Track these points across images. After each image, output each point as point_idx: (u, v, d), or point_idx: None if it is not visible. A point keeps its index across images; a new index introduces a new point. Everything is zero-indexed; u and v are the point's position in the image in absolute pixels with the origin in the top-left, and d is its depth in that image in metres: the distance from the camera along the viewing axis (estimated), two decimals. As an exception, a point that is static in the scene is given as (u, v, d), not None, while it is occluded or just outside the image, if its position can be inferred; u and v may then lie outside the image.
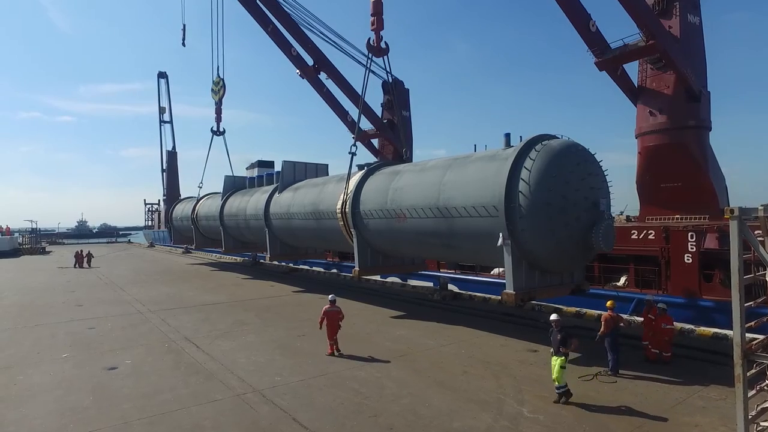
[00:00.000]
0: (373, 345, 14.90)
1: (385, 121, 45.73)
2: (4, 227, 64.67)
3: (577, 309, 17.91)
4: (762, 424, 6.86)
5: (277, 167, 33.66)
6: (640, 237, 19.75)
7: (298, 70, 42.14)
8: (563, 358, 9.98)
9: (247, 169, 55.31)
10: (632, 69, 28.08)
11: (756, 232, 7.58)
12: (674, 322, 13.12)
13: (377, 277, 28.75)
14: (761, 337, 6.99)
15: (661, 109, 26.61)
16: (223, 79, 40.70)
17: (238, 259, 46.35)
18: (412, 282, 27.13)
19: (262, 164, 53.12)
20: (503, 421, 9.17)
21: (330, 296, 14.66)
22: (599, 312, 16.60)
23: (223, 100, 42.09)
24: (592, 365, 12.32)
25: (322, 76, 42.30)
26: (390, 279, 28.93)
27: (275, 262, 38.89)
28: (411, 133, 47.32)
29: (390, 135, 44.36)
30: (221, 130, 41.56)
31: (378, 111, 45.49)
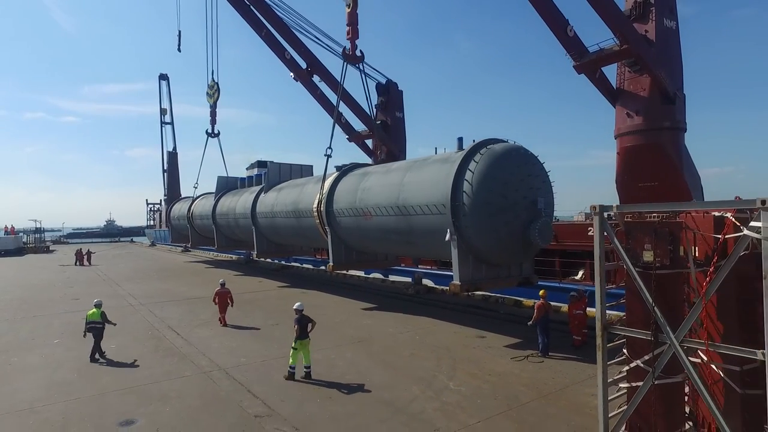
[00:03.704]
0: (337, 332, 16.28)
1: (378, 122, 46.96)
2: (9, 227, 66.51)
3: (534, 301, 19.18)
4: (621, 385, 8.17)
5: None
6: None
7: (292, 73, 43.37)
8: (297, 340, 11.57)
9: (247, 169, 56.69)
10: (612, 72, 29.30)
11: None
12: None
13: (360, 273, 30.19)
14: (621, 314, 8.32)
15: (638, 111, 27.70)
16: (217, 83, 42.04)
17: (234, 257, 47.87)
18: (393, 277, 28.48)
19: (261, 164, 54.48)
20: (429, 392, 10.54)
21: (220, 280, 18.73)
22: (557, 304, 17.96)
23: (218, 102, 43.47)
24: (527, 348, 13.69)
25: (316, 78, 43.52)
26: (372, 275, 30.30)
27: (268, 260, 40.45)
28: (404, 134, 48.48)
29: (384, 136, 45.60)
30: (216, 132, 43.02)
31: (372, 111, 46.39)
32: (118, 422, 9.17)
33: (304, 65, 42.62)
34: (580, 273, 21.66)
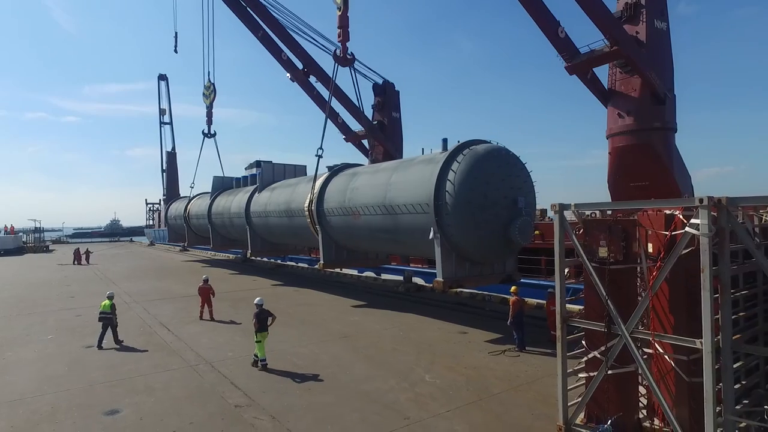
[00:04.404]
0: (324, 328, 16.69)
1: (375, 122, 47.31)
2: (9, 226, 67.00)
3: (507, 297, 19.61)
4: (581, 375, 8.56)
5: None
6: (578, 233, 21.40)
7: (288, 74, 43.73)
8: (257, 333, 12.32)
9: (245, 168, 57.10)
10: (604, 73, 29.64)
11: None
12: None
13: (354, 272, 30.61)
14: (579, 307, 8.72)
15: (629, 111, 28.19)
16: (213, 84, 42.55)
17: (231, 256, 48.30)
18: (385, 276, 28.90)
19: (259, 165, 54.95)
20: (405, 384, 10.95)
21: (204, 276, 19.66)
22: (538, 301, 18.38)
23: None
24: (507, 343, 14.08)
25: (312, 79, 43.86)
26: (365, 273, 30.71)
27: (264, 259, 40.89)
28: (401, 134, 48.88)
29: (380, 136, 45.97)
30: (212, 132, 43.51)
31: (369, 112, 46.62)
32: (104, 412, 9.60)
33: (300, 66, 43.16)
34: (565, 271, 22.03)
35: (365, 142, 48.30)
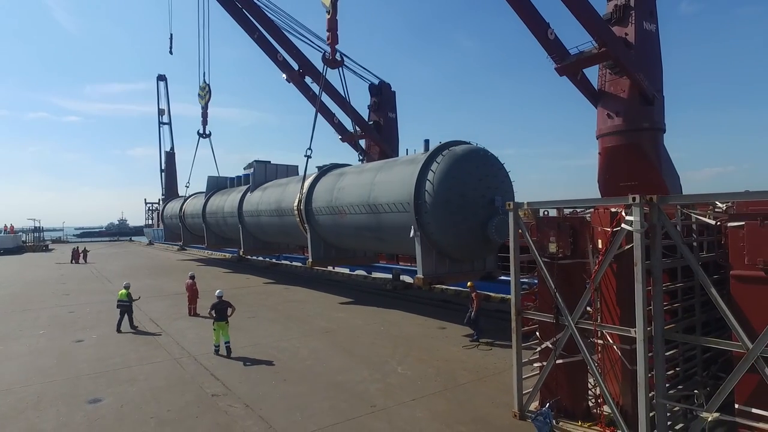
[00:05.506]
0: (308, 324, 17.16)
1: (371, 122, 47.78)
2: (8, 226, 67.56)
3: (502, 296, 20.04)
4: (535, 364, 9.02)
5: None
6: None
7: (284, 75, 44.20)
8: (215, 322, 13.35)
9: (244, 168, 57.64)
10: (594, 74, 30.10)
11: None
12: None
13: (345, 270, 31.09)
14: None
15: (618, 112, 28.71)
16: (208, 85, 43.11)
17: (227, 255, 48.82)
18: (375, 274, 29.37)
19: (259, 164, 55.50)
20: (377, 375, 11.42)
21: (190, 273, 20.81)
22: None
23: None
24: (482, 338, 14.51)
25: (308, 80, 44.32)
26: (357, 272, 31.19)
27: (259, 258, 41.39)
28: (397, 134, 49.38)
29: (376, 136, 46.43)
30: (207, 132, 44.01)
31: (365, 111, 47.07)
32: (87, 400, 10.08)
33: (296, 67, 43.62)
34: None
35: (362, 142, 48.92)
